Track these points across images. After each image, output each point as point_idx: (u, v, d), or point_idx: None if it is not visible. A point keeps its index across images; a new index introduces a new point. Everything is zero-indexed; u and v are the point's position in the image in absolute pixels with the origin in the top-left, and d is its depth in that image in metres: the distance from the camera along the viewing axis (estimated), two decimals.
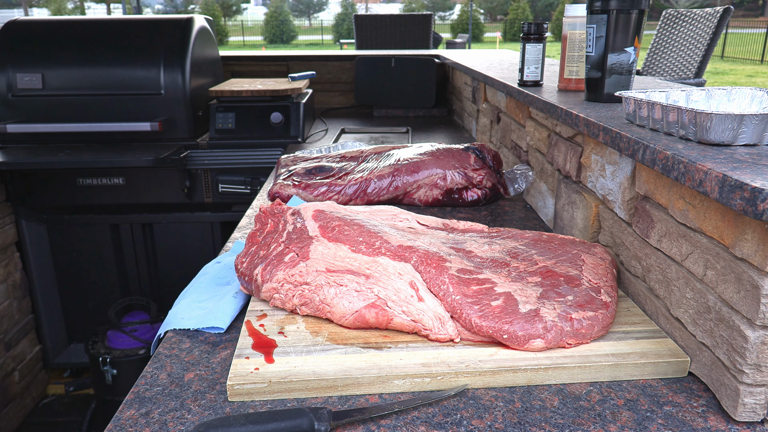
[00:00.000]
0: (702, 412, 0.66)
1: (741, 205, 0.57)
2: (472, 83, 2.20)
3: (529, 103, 1.30)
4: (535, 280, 0.84)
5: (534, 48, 1.43)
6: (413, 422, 0.65)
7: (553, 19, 29.11)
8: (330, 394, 0.69)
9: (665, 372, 0.72)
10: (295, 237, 0.91)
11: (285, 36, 33.52)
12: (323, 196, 1.36)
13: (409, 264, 0.84)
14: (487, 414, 0.66)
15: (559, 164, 1.21)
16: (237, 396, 0.68)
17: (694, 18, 3.47)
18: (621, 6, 1.03)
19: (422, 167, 1.38)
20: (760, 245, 0.59)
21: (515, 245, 0.95)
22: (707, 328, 0.69)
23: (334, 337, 0.78)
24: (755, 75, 11.98)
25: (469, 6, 27.17)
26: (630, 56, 1.07)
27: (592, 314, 0.77)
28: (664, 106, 0.80)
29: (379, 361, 0.72)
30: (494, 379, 0.71)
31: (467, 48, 16.76)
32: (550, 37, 19.66)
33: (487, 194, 1.38)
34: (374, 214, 1.02)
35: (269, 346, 0.76)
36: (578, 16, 1.26)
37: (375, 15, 4.23)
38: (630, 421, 0.64)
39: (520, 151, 1.53)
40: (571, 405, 0.67)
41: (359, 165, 1.46)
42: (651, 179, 0.83)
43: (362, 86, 2.69)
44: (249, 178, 2.22)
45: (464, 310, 0.77)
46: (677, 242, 0.75)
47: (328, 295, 0.81)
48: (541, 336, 0.73)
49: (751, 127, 0.71)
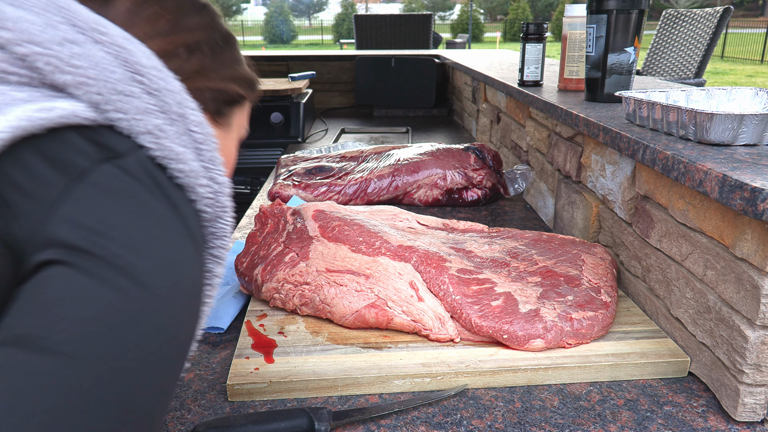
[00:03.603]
0: (702, 412, 0.66)
1: (741, 205, 0.57)
2: (472, 83, 2.20)
3: (529, 103, 1.30)
4: (535, 280, 0.84)
5: (534, 48, 1.43)
6: (413, 422, 0.65)
7: (553, 19, 29.12)
8: (330, 394, 0.69)
9: (665, 372, 0.72)
10: (295, 237, 0.91)
11: (285, 36, 33.53)
12: (323, 196, 1.36)
13: (409, 264, 0.84)
14: (487, 414, 0.66)
15: (559, 164, 1.21)
16: (237, 396, 0.68)
17: (694, 18, 3.48)
18: (621, 6, 1.04)
19: (422, 167, 1.38)
20: (760, 245, 0.59)
21: (515, 245, 0.95)
22: (707, 328, 0.69)
23: (334, 337, 0.78)
24: (755, 75, 11.99)
25: (469, 6, 27.19)
26: (630, 56, 1.07)
27: (592, 314, 0.77)
28: (664, 106, 0.80)
29: (379, 361, 0.72)
30: (494, 379, 0.71)
31: (467, 48, 16.76)
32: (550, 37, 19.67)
33: (487, 194, 1.38)
34: (374, 214, 1.02)
35: (269, 346, 0.76)
36: (578, 16, 1.26)
37: (375, 15, 4.23)
38: (630, 421, 0.64)
39: (520, 151, 1.53)
40: (571, 405, 0.67)
41: (359, 165, 1.46)
42: (651, 179, 0.83)
43: (362, 86, 2.69)
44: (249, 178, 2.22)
45: (464, 310, 0.77)
46: (677, 242, 0.76)
47: (329, 295, 0.81)
48: (541, 336, 0.73)
49: (751, 127, 0.71)
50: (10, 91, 0.35)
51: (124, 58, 0.40)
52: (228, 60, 0.54)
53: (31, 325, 0.32)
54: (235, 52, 0.55)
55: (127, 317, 0.34)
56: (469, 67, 2.07)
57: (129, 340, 0.33)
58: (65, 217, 0.34)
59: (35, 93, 0.36)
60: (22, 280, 0.34)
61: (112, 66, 0.39)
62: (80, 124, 0.37)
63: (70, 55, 0.37)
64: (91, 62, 0.38)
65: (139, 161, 0.38)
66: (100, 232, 0.34)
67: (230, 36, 0.55)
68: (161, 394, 0.36)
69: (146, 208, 0.37)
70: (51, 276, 0.33)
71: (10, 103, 0.34)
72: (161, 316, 0.35)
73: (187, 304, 0.38)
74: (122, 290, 0.34)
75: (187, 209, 0.41)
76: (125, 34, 0.41)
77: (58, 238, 0.34)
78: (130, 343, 0.34)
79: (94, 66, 0.38)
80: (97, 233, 0.34)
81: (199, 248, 0.41)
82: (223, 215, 0.46)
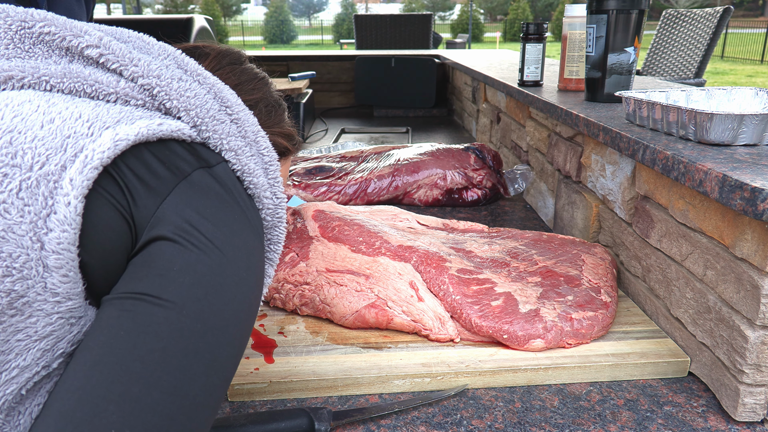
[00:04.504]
0: (702, 412, 0.66)
1: (741, 205, 0.57)
2: (472, 83, 2.20)
3: (529, 103, 1.30)
4: (535, 280, 0.84)
5: (534, 48, 1.43)
6: (413, 422, 0.65)
7: (553, 19, 29.12)
8: (330, 394, 0.69)
9: (665, 372, 0.72)
10: (295, 237, 0.91)
11: (285, 36, 33.53)
12: (323, 196, 1.36)
13: (409, 264, 0.84)
14: (487, 414, 0.66)
15: (559, 164, 1.21)
16: (237, 396, 0.68)
17: (694, 18, 3.48)
18: (621, 6, 1.04)
19: (422, 167, 1.38)
20: (760, 245, 0.59)
21: (515, 245, 0.95)
22: (707, 328, 0.69)
23: (334, 337, 0.78)
24: (755, 75, 11.98)
25: (469, 6, 27.19)
26: (630, 56, 1.07)
27: (592, 314, 0.77)
28: (664, 106, 0.80)
29: (379, 361, 0.72)
30: (494, 379, 0.71)
31: (467, 48, 16.76)
32: (550, 37, 19.67)
33: (487, 194, 1.38)
34: (374, 214, 1.02)
35: (269, 346, 0.76)
36: (578, 16, 1.26)
37: (375, 15, 4.23)
38: (630, 421, 0.64)
39: (520, 151, 1.53)
40: (571, 405, 0.67)
41: (359, 165, 1.46)
42: (651, 179, 0.83)
43: (362, 86, 2.69)
44: None
45: (464, 310, 0.77)
46: (677, 242, 0.76)
47: (329, 295, 0.81)
48: (541, 336, 0.73)
49: (751, 127, 0.71)
50: (132, 110, 0.47)
51: (216, 94, 0.52)
52: (278, 119, 0.66)
53: (148, 286, 0.42)
54: (283, 113, 0.68)
55: (219, 284, 0.44)
56: (469, 67, 2.07)
57: (220, 302, 0.44)
58: (172, 205, 0.44)
59: (151, 113, 0.48)
60: (135, 253, 0.44)
61: (208, 98, 0.51)
62: (183, 139, 0.48)
63: (178, 87, 0.49)
64: (193, 94, 0.50)
65: (224, 171, 0.49)
66: (197, 219, 0.45)
67: (281, 102, 0.68)
68: (237, 351, 0.46)
69: (228, 206, 0.48)
70: (160, 249, 0.43)
71: (135, 118, 0.46)
72: (242, 289, 0.46)
73: (255, 285, 0.48)
74: (215, 263, 0.44)
75: (254, 214, 0.51)
76: (216, 78, 0.54)
77: (166, 220, 0.44)
78: (221, 305, 0.44)
79: (195, 97, 0.50)
80: (195, 220, 0.45)
81: (262, 245, 0.51)
82: (279, 225, 0.57)
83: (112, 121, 0.45)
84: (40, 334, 0.42)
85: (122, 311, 0.41)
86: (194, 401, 0.41)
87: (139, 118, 0.46)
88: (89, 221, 0.42)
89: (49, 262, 0.40)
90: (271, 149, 0.56)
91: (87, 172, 0.41)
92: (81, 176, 0.41)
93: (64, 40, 0.48)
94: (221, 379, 0.44)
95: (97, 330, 0.41)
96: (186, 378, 0.41)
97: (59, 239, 0.40)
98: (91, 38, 0.48)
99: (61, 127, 0.43)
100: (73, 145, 0.42)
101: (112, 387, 0.39)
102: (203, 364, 0.42)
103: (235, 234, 0.47)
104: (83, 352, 0.41)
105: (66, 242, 0.41)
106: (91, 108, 0.45)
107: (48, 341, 0.42)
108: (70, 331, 0.43)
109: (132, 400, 0.39)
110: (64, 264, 0.41)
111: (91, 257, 0.43)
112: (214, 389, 0.43)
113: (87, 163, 0.42)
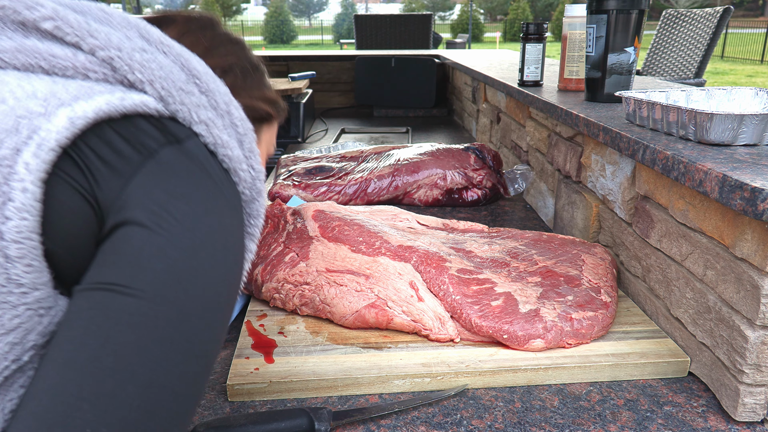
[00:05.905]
0: (702, 412, 0.66)
1: (741, 205, 0.57)
2: (472, 83, 2.20)
3: (529, 103, 1.30)
4: (535, 280, 0.84)
5: (534, 48, 1.43)
6: (413, 422, 0.65)
7: (553, 19, 29.12)
8: (330, 394, 0.69)
9: (665, 372, 0.72)
10: (295, 237, 0.92)
11: (285, 36, 33.53)
12: (323, 196, 1.36)
13: (409, 264, 0.84)
14: (487, 414, 0.66)
15: (559, 164, 1.21)
16: (237, 396, 0.68)
17: (694, 18, 3.48)
18: (621, 6, 1.04)
19: (422, 167, 1.38)
20: (760, 245, 0.59)
21: (515, 245, 0.95)
22: (707, 328, 0.69)
23: (334, 337, 0.78)
24: (755, 75, 11.98)
25: (469, 6, 27.19)
26: (630, 56, 1.07)
27: (592, 314, 0.77)
28: (664, 106, 0.80)
29: (379, 361, 0.72)
30: (494, 379, 0.71)
31: (467, 48, 16.76)
32: (550, 37, 19.67)
33: (487, 194, 1.38)
34: (374, 214, 1.02)
35: (269, 346, 0.76)
36: (578, 16, 1.26)
37: (375, 15, 4.23)
38: (630, 421, 0.64)
39: (520, 151, 1.53)
40: (571, 405, 0.67)
41: (359, 165, 1.46)
42: (651, 179, 0.83)
43: (362, 86, 2.69)
44: None
45: (464, 310, 0.77)
46: (677, 242, 0.76)
47: (329, 295, 0.81)
48: (541, 336, 0.73)
49: (751, 127, 0.71)
50: (92, 85, 0.44)
51: (183, 64, 0.49)
52: (256, 83, 0.63)
53: (117, 275, 0.40)
54: (263, 77, 0.64)
55: (194, 267, 0.42)
56: (469, 67, 2.07)
57: (195, 287, 0.42)
58: (139, 187, 0.42)
59: (112, 87, 0.45)
60: (103, 238, 0.42)
61: (174, 69, 0.48)
62: (149, 114, 0.45)
63: (142, 59, 0.46)
64: (158, 65, 0.47)
65: (196, 146, 0.46)
66: (166, 200, 0.42)
67: (259, 65, 0.64)
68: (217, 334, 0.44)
69: (201, 183, 0.45)
70: (129, 234, 0.41)
71: (94, 93, 0.43)
72: (219, 270, 0.44)
73: (234, 265, 0.46)
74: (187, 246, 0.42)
75: (231, 188, 0.48)
76: (183, 47, 0.51)
77: (133, 203, 0.42)
78: (196, 290, 0.42)
79: (160, 68, 0.47)
80: (164, 201, 0.42)
81: (241, 221, 0.49)
82: (258, 198, 0.54)
83: (69, 98, 0.42)
84: (7, 327, 0.40)
85: (92, 303, 0.40)
86: (173, 392, 0.40)
87: (99, 93, 0.43)
88: (50, 207, 0.40)
89: (10, 252, 0.38)
90: (245, 119, 0.53)
91: (43, 154, 0.39)
92: (37, 160, 0.39)
93: (16, 12, 0.44)
94: (201, 366, 0.43)
95: (68, 325, 0.40)
96: (162, 369, 0.40)
97: (18, 228, 0.38)
98: (45, 10, 0.45)
99: (14, 107, 0.40)
100: (28, 126, 0.40)
101: (85, 385, 0.37)
102: (180, 353, 0.41)
103: (210, 212, 0.44)
104: (55, 349, 0.39)
105: (26, 230, 0.39)
106: (46, 85, 0.43)
107: (16, 334, 0.40)
108: (40, 322, 0.41)
109: (106, 397, 0.37)
110: (26, 253, 0.39)
111: (56, 245, 0.41)
112: (195, 377, 0.42)
113: (42, 145, 0.39)
